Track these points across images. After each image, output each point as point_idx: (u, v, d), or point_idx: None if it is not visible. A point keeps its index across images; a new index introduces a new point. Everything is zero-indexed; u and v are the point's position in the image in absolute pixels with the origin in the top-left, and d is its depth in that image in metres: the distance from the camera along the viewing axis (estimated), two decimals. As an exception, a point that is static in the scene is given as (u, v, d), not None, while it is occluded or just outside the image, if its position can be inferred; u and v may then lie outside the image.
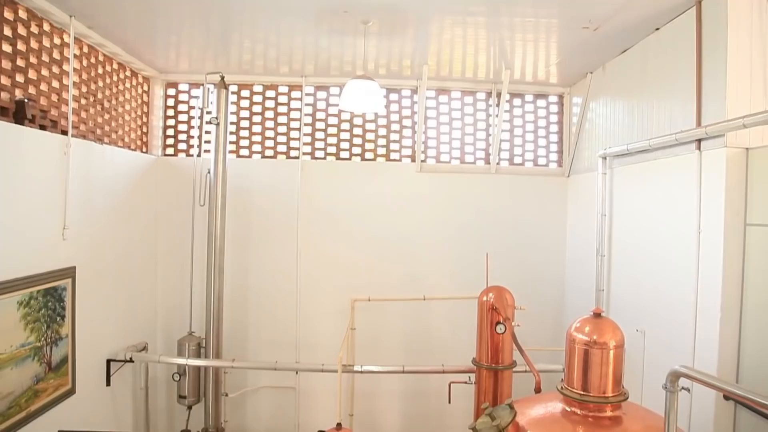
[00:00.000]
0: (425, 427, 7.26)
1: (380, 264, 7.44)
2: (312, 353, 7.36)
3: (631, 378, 4.82)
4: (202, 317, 7.01)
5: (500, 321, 5.16)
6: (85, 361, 5.57)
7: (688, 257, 4.56)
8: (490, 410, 3.12)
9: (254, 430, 7.50)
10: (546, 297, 7.48)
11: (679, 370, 2.36)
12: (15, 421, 4.49)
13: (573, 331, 3.10)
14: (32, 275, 4.64)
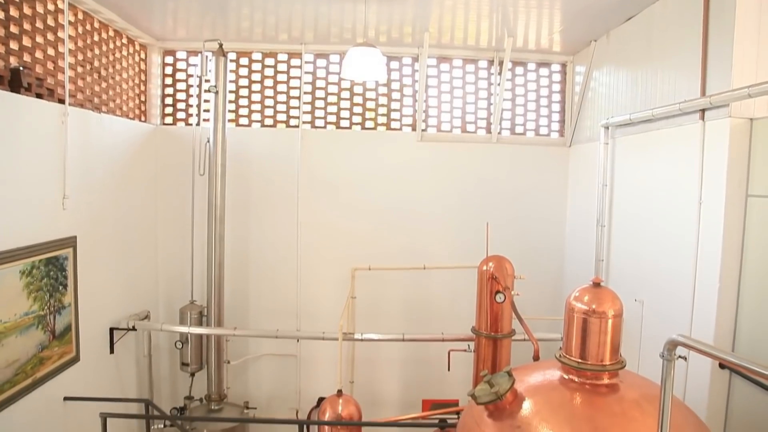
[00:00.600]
0: (425, 394, 7.38)
1: (380, 233, 7.46)
2: (313, 321, 7.43)
3: (629, 347, 4.86)
4: (203, 286, 7.05)
5: (500, 290, 5.19)
6: (89, 330, 5.63)
7: (688, 228, 4.56)
8: (489, 377, 3.16)
9: (256, 396, 7.62)
10: (545, 267, 7.51)
11: (677, 339, 2.38)
12: (22, 387, 4.56)
13: (572, 300, 3.12)
14: (33, 245, 4.66)
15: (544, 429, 2.81)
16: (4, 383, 4.35)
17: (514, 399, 3.07)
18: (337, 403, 5.09)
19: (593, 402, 2.93)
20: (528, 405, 3.00)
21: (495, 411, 3.07)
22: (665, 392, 2.41)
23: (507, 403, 3.05)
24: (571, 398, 2.97)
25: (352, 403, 5.17)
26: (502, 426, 2.96)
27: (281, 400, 7.62)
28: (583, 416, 2.82)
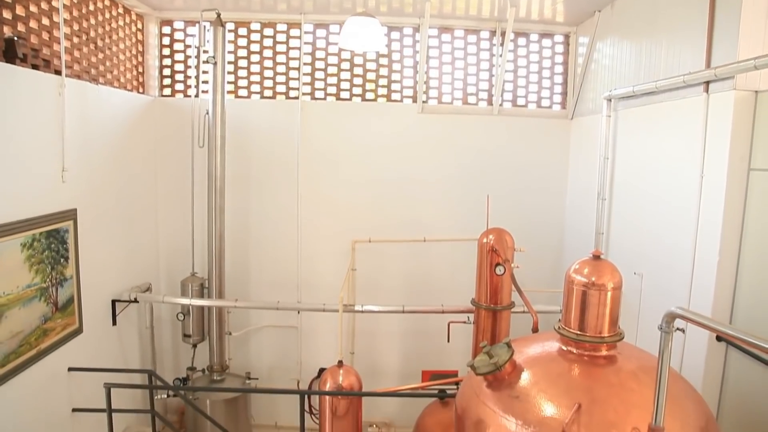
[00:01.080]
0: (424, 365, 7.46)
1: (381, 205, 7.45)
2: (313, 293, 7.47)
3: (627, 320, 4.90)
4: (204, 258, 7.08)
5: (500, 262, 5.21)
6: (91, 302, 5.67)
7: (689, 202, 4.56)
8: (489, 348, 3.18)
9: (257, 367, 7.72)
10: (546, 239, 7.53)
11: (675, 312, 2.40)
12: (27, 358, 4.61)
13: (572, 273, 3.13)
14: (33, 217, 4.66)
15: (543, 399, 2.85)
16: (10, 354, 4.40)
17: (513, 370, 3.10)
18: (338, 373, 5.15)
19: (591, 373, 2.96)
20: (526, 376, 3.04)
21: (494, 381, 3.10)
22: (662, 364, 2.44)
23: (506, 373, 3.08)
24: (569, 369, 3.00)
25: (353, 374, 5.23)
26: (500, 396, 3.00)
27: (282, 371, 7.72)
28: (581, 387, 2.86)
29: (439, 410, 5.65)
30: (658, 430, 2.48)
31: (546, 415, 2.78)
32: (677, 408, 2.77)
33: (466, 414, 3.16)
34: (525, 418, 2.82)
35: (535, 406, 2.84)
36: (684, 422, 2.74)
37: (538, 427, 2.75)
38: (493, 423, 2.93)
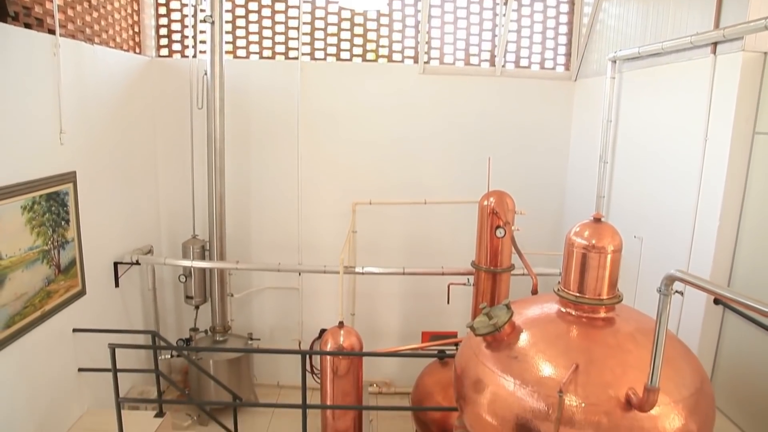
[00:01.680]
0: (424, 326, 7.56)
1: (381, 167, 7.41)
2: (314, 255, 7.51)
3: (626, 283, 4.94)
4: (204, 220, 7.09)
5: (500, 225, 5.22)
6: (93, 264, 5.70)
7: (691, 165, 4.53)
8: (488, 310, 3.21)
9: (259, 328, 7.82)
10: (546, 202, 7.52)
11: (675, 274, 2.40)
12: (32, 319, 4.67)
13: (572, 235, 3.12)
14: (33, 180, 4.64)
15: (541, 360, 2.89)
16: (15, 315, 4.46)
17: (512, 331, 3.13)
18: (339, 334, 5.22)
19: (589, 334, 2.99)
20: (525, 337, 3.07)
21: (493, 342, 3.14)
22: (660, 326, 2.46)
23: (505, 334, 3.12)
24: (567, 330, 3.03)
25: (354, 335, 5.30)
26: (499, 356, 3.04)
27: (284, 332, 7.83)
28: (578, 348, 2.89)
29: (439, 370, 5.75)
30: (653, 390, 2.52)
31: (544, 375, 2.82)
32: (673, 369, 2.80)
33: (465, 374, 3.21)
34: (523, 378, 2.86)
35: (533, 366, 2.88)
36: (679, 383, 2.79)
37: (535, 387, 2.80)
38: (492, 382, 2.97)
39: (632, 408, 2.63)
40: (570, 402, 2.69)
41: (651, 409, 2.58)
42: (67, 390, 5.28)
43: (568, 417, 2.67)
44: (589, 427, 2.65)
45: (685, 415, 2.71)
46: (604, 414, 2.64)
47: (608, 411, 2.65)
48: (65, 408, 5.24)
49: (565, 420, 2.67)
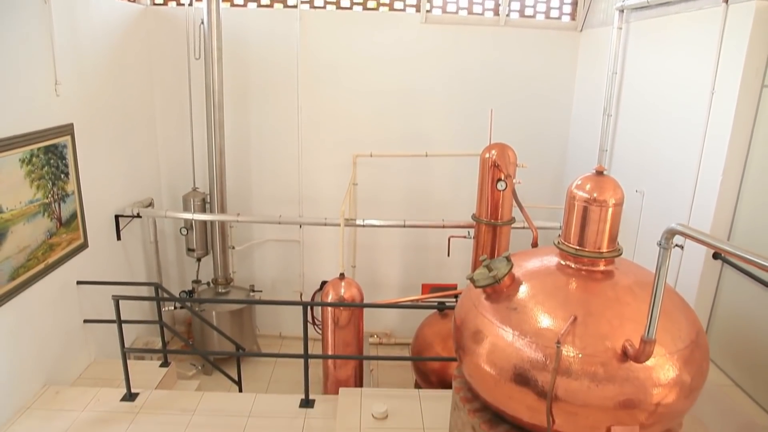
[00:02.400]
0: (424, 279, 7.64)
1: (382, 119, 7.32)
2: (315, 207, 7.52)
3: (626, 237, 4.96)
4: (204, 173, 7.07)
5: (501, 178, 5.20)
6: (94, 217, 5.71)
7: (696, 119, 4.47)
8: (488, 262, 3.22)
9: (261, 280, 7.91)
10: (548, 155, 7.46)
11: (675, 228, 2.40)
12: (35, 272, 4.71)
13: (574, 188, 3.11)
14: (30, 133, 4.59)
15: (539, 311, 2.92)
16: (19, 268, 4.49)
17: (512, 283, 3.16)
18: (340, 285, 5.28)
19: (588, 287, 3.01)
20: (524, 289, 3.10)
21: (492, 294, 3.17)
22: (659, 279, 2.47)
23: (504, 286, 3.14)
24: (566, 283, 3.05)
25: (354, 286, 5.36)
26: (498, 308, 3.08)
27: (285, 284, 7.92)
28: (577, 300, 2.92)
29: (438, 322, 5.85)
30: (649, 342, 2.56)
31: (542, 326, 2.86)
32: (669, 322, 2.84)
33: (464, 325, 3.25)
34: (521, 329, 2.90)
35: (531, 317, 2.92)
36: (675, 335, 2.82)
37: (534, 338, 2.84)
38: (491, 333, 3.02)
39: (628, 359, 2.68)
40: (567, 353, 2.73)
41: (647, 360, 2.63)
42: (74, 341, 5.38)
43: (565, 367, 2.72)
44: (585, 377, 2.70)
45: (679, 366, 2.76)
46: (600, 365, 2.69)
47: (604, 362, 2.69)
48: (73, 358, 5.35)
49: (562, 370, 2.73)
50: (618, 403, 2.70)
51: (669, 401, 2.75)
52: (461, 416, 3.42)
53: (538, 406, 2.83)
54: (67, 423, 4.34)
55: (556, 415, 2.80)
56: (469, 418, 3.30)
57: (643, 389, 2.69)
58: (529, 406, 2.86)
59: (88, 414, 4.46)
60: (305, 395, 4.70)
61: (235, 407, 4.59)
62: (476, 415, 3.27)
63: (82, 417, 4.42)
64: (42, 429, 4.27)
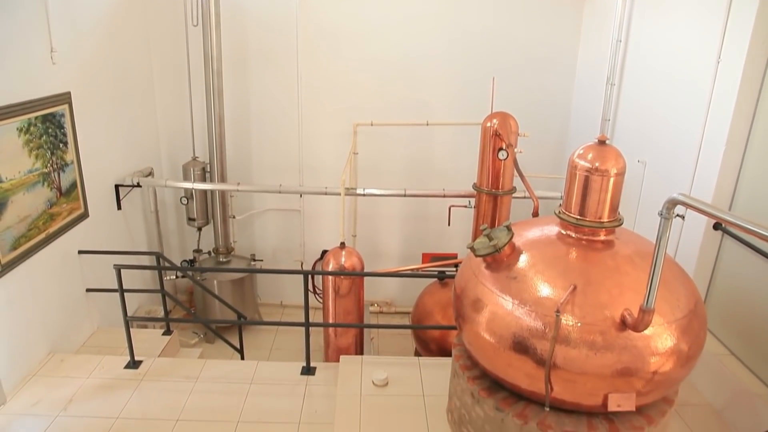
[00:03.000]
0: (424, 248, 7.67)
1: (383, 87, 7.22)
2: (315, 176, 7.49)
3: (627, 208, 4.95)
4: (204, 142, 7.03)
5: (503, 147, 5.17)
6: (94, 187, 5.70)
7: (702, 88, 4.41)
8: (489, 231, 3.23)
9: (262, 249, 7.94)
10: (550, 125, 7.39)
11: (677, 198, 2.39)
12: (37, 241, 4.72)
13: (576, 158, 3.09)
14: (26, 101, 4.55)
15: (539, 280, 2.94)
16: (20, 237, 4.50)
17: (512, 252, 3.17)
18: (340, 254, 5.30)
19: (588, 257, 3.02)
20: (525, 258, 3.11)
21: (493, 263, 3.18)
22: (659, 249, 2.48)
23: (504, 255, 3.15)
24: (567, 252, 3.06)
25: (355, 255, 5.38)
26: (498, 277, 3.09)
27: (286, 253, 7.95)
28: (577, 269, 2.93)
29: (438, 291, 5.89)
30: (648, 311, 2.58)
31: (542, 295, 2.88)
32: (668, 291, 2.86)
33: (464, 294, 3.28)
34: (521, 298, 2.92)
35: (531, 286, 2.94)
36: (673, 305, 2.84)
37: (533, 307, 2.86)
38: (491, 302, 3.04)
39: (627, 328, 2.71)
40: (566, 321, 2.76)
41: (645, 329, 2.66)
42: (77, 309, 5.42)
43: (564, 336, 2.75)
44: (583, 345, 2.73)
45: (677, 335, 2.79)
46: (599, 333, 2.72)
47: (603, 330, 2.72)
48: (76, 326, 5.41)
49: (560, 339, 2.76)
50: (615, 371, 2.74)
51: (666, 369, 2.79)
52: (460, 383, 3.47)
53: (536, 373, 2.87)
54: (73, 389, 4.41)
55: (555, 383, 2.84)
56: (468, 385, 3.36)
57: (641, 358, 2.73)
58: (528, 373, 2.90)
59: (93, 381, 4.53)
60: (306, 363, 4.76)
61: (238, 374, 4.65)
62: (475, 382, 3.33)
63: (88, 383, 4.49)
64: (49, 395, 4.34)
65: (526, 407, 3.09)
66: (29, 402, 4.26)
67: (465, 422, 3.43)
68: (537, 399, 3.04)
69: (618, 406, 2.82)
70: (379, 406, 3.92)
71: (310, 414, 4.21)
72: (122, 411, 4.17)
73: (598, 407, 2.88)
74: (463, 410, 3.45)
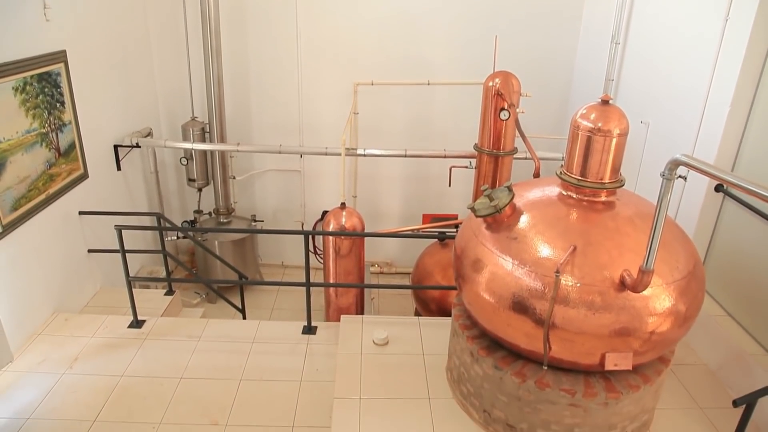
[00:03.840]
0: (425, 209, 7.66)
1: (384, 45, 7.09)
2: (315, 137, 7.43)
3: (629, 169, 4.91)
4: (203, 102, 6.94)
5: (504, 107, 5.11)
6: (93, 147, 5.66)
7: (708, 48, 4.32)
8: (489, 192, 3.22)
9: (262, 210, 7.94)
10: (553, 84, 7.28)
11: (680, 159, 2.37)
12: (37, 202, 4.72)
13: (578, 118, 3.05)
14: (21, 59, 4.46)
15: (539, 241, 2.94)
16: (20, 198, 4.50)
17: (513, 213, 3.17)
18: (341, 215, 5.30)
19: (589, 218, 3.02)
20: (525, 218, 3.11)
21: (493, 223, 3.18)
22: (660, 210, 2.47)
23: (505, 216, 3.15)
24: (567, 213, 3.06)
25: (355, 216, 5.39)
26: (498, 237, 3.10)
27: (287, 214, 7.96)
28: (577, 230, 2.93)
29: (439, 251, 5.91)
30: (647, 272, 2.59)
31: (542, 256, 2.89)
32: (668, 253, 2.86)
33: (464, 254, 3.29)
34: (521, 258, 2.93)
35: (531, 247, 2.94)
36: (672, 266, 2.85)
37: (533, 267, 2.87)
38: (491, 262, 3.05)
39: (625, 289, 2.72)
40: (566, 282, 2.77)
41: (644, 290, 2.67)
42: (80, 270, 5.46)
43: (563, 296, 2.77)
44: (582, 305, 2.75)
45: (675, 296, 2.81)
46: (597, 294, 2.74)
47: (602, 291, 2.74)
48: (79, 287, 5.46)
49: (559, 299, 2.78)
50: (613, 331, 2.77)
51: (663, 330, 2.82)
52: (460, 342, 3.52)
53: (535, 333, 2.90)
54: (79, 348, 4.48)
55: (553, 342, 2.88)
56: (467, 344, 3.40)
57: (639, 318, 2.76)
58: (527, 333, 2.94)
59: (98, 339, 4.60)
60: (307, 322, 4.82)
61: (240, 333, 4.72)
62: (474, 341, 3.37)
63: (92, 342, 4.56)
64: (55, 353, 4.42)
65: (524, 366, 3.14)
66: (35, 360, 4.34)
67: (464, 380, 3.50)
68: (535, 358, 3.08)
69: (615, 365, 2.86)
70: (380, 365, 3.98)
71: (311, 372, 4.29)
72: (127, 369, 4.25)
73: (596, 366, 2.92)
74: (462, 369, 3.51)
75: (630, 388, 3.01)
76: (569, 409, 3.02)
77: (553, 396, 3.02)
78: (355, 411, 3.52)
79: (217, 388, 4.08)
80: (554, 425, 3.10)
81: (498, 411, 3.26)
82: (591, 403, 2.99)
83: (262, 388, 4.10)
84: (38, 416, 3.80)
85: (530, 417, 3.13)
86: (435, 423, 3.44)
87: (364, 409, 3.55)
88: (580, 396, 2.98)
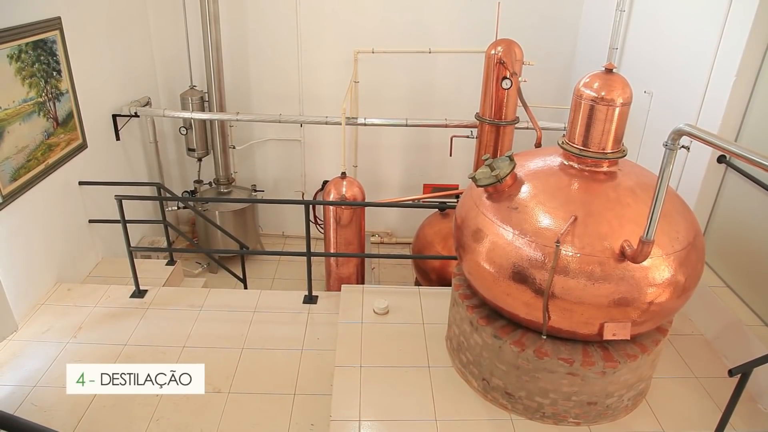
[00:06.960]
0: (426, 179, 7.64)
1: (385, 12, 6.93)
2: (315, 106, 7.35)
3: (631, 139, 4.87)
4: (202, 70, 6.85)
5: (507, 76, 5.05)
6: (91, 117, 5.61)
7: (715, 16, 4.24)
8: (491, 161, 3.20)
9: (263, 179, 7.91)
10: (556, 53, 7.16)
11: (683, 128, 2.35)
12: (36, 172, 4.70)
13: (581, 86, 3.01)
14: (14, 26, 4.38)
15: (540, 211, 2.94)
16: (20, 168, 4.48)
17: (514, 183, 3.15)
18: (342, 185, 5.29)
19: (590, 188, 3.01)
20: (526, 188, 3.10)
21: (494, 193, 3.17)
22: (662, 180, 2.46)
23: (506, 186, 3.14)
24: (569, 183, 3.04)
25: (356, 185, 5.37)
26: (499, 207, 3.09)
27: (287, 183, 7.93)
28: (578, 200, 2.92)
29: (439, 221, 5.92)
30: (648, 243, 2.59)
31: (542, 226, 2.88)
32: (668, 224, 2.86)
33: (465, 224, 3.29)
34: (522, 228, 2.93)
35: (532, 217, 2.94)
36: (672, 237, 2.85)
37: (533, 237, 2.87)
38: (491, 232, 3.05)
39: (625, 259, 2.73)
40: (566, 252, 2.78)
41: (644, 260, 2.68)
42: (81, 240, 5.47)
43: (563, 266, 2.78)
44: (582, 275, 2.76)
45: (674, 267, 2.82)
46: (597, 264, 2.74)
47: (602, 261, 2.74)
48: (81, 257, 5.47)
49: (559, 269, 2.78)
50: (612, 301, 2.78)
51: (662, 300, 2.83)
52: (460, 312, 3.55)
53: (534, 302, 2.92)
54: (82, 317, 4.52)
55: (552, 312, 2.90)
56: (467, 314, 3.43)
57: (638, 288, 2.77)
58: (526, 302, 2.96)
59: (101, 309, 4.63)
60: (308, 291, 4.85)
61: (241, 303, 4.75)
62: (474, 310, 3.39)
63: (95, 312, 4.59)
64: (58, 322, 4.46)
65: (523, 335, 3.17)
66: (40, 329, 4.38)
67: (463, 349, 3.53)
68: (534, 327, 3.11)
69: (613, 335, 2.88)
70: (380, 334, 4.02)
71: (312, 341, 4.33)
72: (130, 338, 4.29)
73: (594, 336, 2.95)
74: (461, 338, 3.54)
75: (627, 358, 3.05)
76: (567, 377, 3.06)
77: (552, 365, 3.05)
78: (355, 379, 3.57)
79: (220, 357, 4.13)
80: (552, 393, 3.14)
81: (497, 379, 3.30)
82: (589, 372, 3.03)
83: (264, 357, 4.15)
84: (44, 384, 3.85)
85: (528, 385, 3.17)
86: (434, 391, 3.49)
87: (364, 377, 3.60)
88: (578, 365, 3.01)
